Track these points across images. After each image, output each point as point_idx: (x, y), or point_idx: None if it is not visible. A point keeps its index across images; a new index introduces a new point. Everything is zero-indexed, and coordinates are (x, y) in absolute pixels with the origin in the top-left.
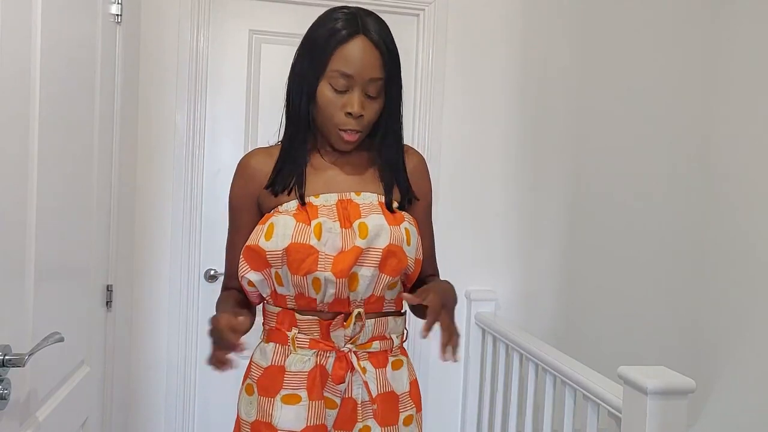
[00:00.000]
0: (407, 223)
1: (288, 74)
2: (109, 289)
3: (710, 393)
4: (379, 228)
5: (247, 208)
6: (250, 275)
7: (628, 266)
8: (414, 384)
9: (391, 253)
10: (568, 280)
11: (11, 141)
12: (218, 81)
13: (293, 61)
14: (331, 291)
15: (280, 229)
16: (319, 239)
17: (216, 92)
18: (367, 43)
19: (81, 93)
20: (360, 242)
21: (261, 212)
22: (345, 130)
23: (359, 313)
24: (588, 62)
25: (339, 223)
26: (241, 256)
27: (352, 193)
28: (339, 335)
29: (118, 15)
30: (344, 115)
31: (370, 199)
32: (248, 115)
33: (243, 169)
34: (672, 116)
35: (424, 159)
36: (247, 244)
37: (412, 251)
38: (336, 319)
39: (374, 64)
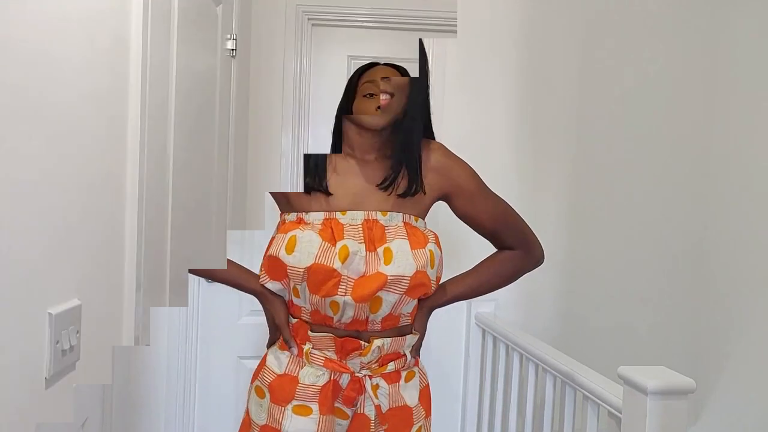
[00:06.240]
0: (431, 244)
1: None
2: None
3: (710, 393)
4: (404, 254)
5: None
6: (269, 285)
7: (628, 266)
8: (425, 390)
9: (419, 280)
10: (568, 280)
11: (156, 162)
12: (319, 103)
13: None
14: (350, 314)
15: (305, 245)
16: (343, 263)
17: (317, 114)
18: (385, 67)
19: (204, 118)
20: (384, 269)
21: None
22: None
23: (378, 346)
24: (589, 61)
25: (364, 246)
26: (261, 266)
27: (379, 213)
28: (356, 363)
29: (233, 50)
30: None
31: (395, 220)
32: None
33: None
34: (673, 115)
35: (445, 152)
36: (268, 253)
37: (434, 273)
38: (352, 354)
39: (390, 71)
